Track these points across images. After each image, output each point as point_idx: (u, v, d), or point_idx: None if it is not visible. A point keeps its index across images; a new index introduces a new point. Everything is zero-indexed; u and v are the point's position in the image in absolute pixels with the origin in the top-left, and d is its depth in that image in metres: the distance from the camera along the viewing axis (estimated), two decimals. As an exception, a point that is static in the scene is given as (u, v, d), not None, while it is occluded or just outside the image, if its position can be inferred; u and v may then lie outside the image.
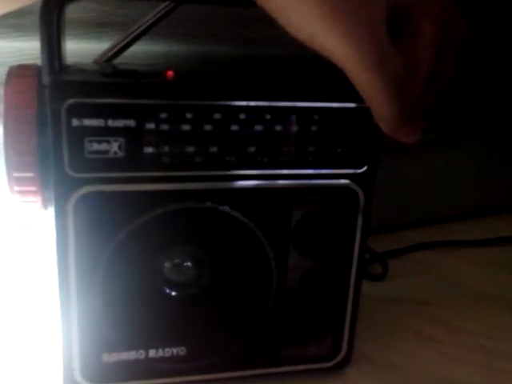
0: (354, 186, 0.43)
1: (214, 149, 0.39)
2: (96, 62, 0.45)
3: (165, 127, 0.38)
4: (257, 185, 0.41)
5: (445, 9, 0.40)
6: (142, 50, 0.55)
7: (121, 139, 0.37)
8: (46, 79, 0.38)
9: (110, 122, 0.37)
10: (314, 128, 0.41)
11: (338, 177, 0.42)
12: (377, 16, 0.36)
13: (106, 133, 0.37)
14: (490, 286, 0.64)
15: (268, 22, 0.37)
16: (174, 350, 0.43)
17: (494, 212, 0.84)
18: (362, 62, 0.36)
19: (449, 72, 0.43)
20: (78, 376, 0.41)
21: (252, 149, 0.40)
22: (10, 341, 0.50)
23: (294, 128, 0.40)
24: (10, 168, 0.38)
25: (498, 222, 0.81)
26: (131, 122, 0.37)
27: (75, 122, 0.36)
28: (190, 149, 0.39)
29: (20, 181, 0.39)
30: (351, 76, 0.37)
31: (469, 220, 0.81)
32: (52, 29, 0.37)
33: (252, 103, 0.39)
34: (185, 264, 0.42)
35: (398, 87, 0.37)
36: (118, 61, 0.46)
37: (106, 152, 0.37)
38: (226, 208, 0.41)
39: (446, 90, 0.44)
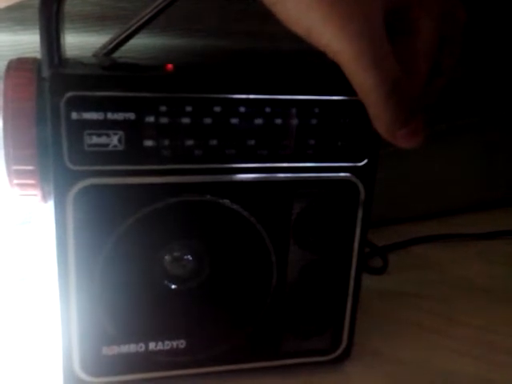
0: (355, 180, 0.43)
1: (213, 142, 0.39)
2: (95, 55, 0.45)
3: (164, 120, 0.38)
4: (257, 178, 0.41)
5: (444, 2, 0.40)
6: (142, 44, 0.55)
7: (120, 132, 0.37)
8: (45, 72, 0.38)
9: (110, 115, 0.37)
10: (314, 121, 0.41)
11: (339, 170, 0.42)
12: (375, 12, 0.36)
13: (105, 126, 0.37)
14: (490, 279, 0.65)
15: (268, 16, 0.37)
16: (174, 343, 0.43)
17: (494, 206, 0.84)
18: (358, 59, 0.36)
19: (451, 67, 0.43)
20: (77, 369, 0.41)
21: (252, 142, 0.40)
22: (9, 335, 0.50)
23: (294, 121, 0.40)
24: (10, 161, 0.38)
25: (498, 215, 0.81)
26: (131, 115, 0.37)
27: (74, 115, 0.36)
28: (190, 142, 0.39)
29: (19, 174, 0.39)
30: (347, 72, 0.36)
31: (469, 214, 0.81)
32: (51, 22, 0.37)
33: (252, 96, 0.39)
34: (185, 257, 0.42)
35: (394, 86, 0.36)
36: (117, 54, 0.45)
37: (106, 145, 0.37)
38: (226, 201, 0.41)
39: (447, 85, 0.44)
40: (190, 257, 0.43)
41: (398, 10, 0.39)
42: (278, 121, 0.40)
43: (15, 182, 0.39)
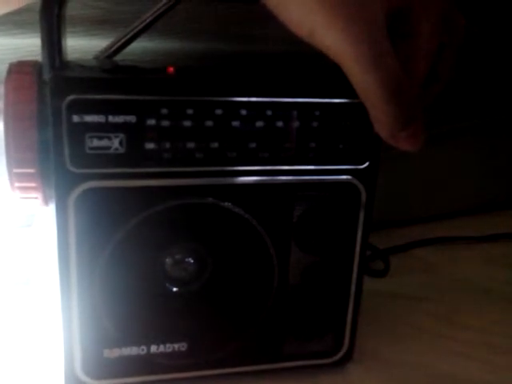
0: (356, 182, 0.43)
1: (215, 144, 0.39)
2: (97, 58, 0.45)
3: (166, 123, 0.38)
4: (258, 181, 0.41)
5: (445, 9, 0.40)
6: (143, 47, 0.55)
7: (122, 135, 0.37)
8: (46, 75, 0.38)
9: (111, 118, 0.37)
10: (315, 124, 0.41)
11: (340, 172, 0.42)
12: (377, 15, 0.36)
13: (106, 129, 0.37)
14: (491, 281, 0.64)
15: (269, 19, 0.37)
16: (176, 346, 0.43)
17: (494, 208, 0.84)
18: (360, 61, 0.36)
19: (448, 72, 0.43)
20: (79, 372, 0.41)
21: (253, 145, 0.40)
22: (11, 337, 0.50)
23: (296, 124, 0.40)
24: (11, 164, 0.38)
25: (499, 218, 0.81)
26: (132, 118, 0.37)
27: (76, 118, 0.36)
28: (191, 145, 0.39)
29: (20, 177, 0.39)
30: (348, 74, 0.36)
31: (469, 216, 0.81)
32: (53, 25, 0.37)
33: (253, 99, 0.39)
34: (186, 260, 0.42)
35: (396, 88, 0.36)
36: (118, 57, 0.46)
37: (107, 148, 0.37)
38: (227, 204, 0.41)
39: (447, 87, 0.44)
40: (191, 260, 0.43)
41: (399, 12, 0.39)
42: (280, 123, 0.40)
43: (16, 184, 0.39)
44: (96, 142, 0.37)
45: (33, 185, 0.39)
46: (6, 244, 0.58)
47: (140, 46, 0.54)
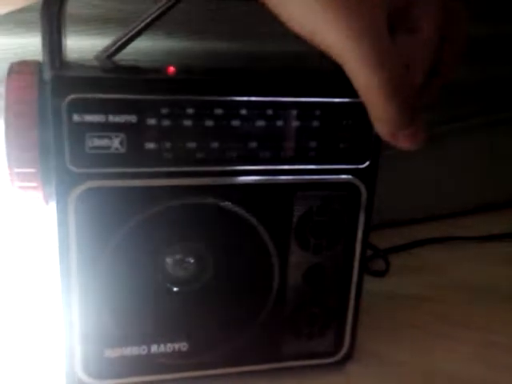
0: (356, 182, 0.43)
1: (215, 144, 0.39)
2: (97, 57, 0.45)
3: (166, 123, 0.38)
4: (258, 180, 0.41)
5: (447, 5, 0.40)
6: (143, 46, 0.55)
7: (122, 135, 0.37)
8: (47, 75, 0.38)
9: (111, 118, 0.37)
10: (315, 123, 0.41)
11: (340, 172, 0.42)
12: (378, 13, 0.36)
13: (107, 128, 0.37)
14: (492, 281, 0.64)
15: (270, 18, 0.37)
16: (176, 346, 0.43)
17: (495, 208, 0.84)
18: (362, 60, 0.35)
19: (450, 69, 0.43)
20: (80, 372, 0.41)
21: (253, 144, 0.40)
22: (12, 336, 0.50)
23: (296, 123, 0.40)
24: (12, 163, 0.38)
25: (501, 217, 0.81)
26: (132, 118, 0.37)
27: (76, 118, 0.36)
28: (192, 144, 0.39)
29: (21, 176, 0.39)
30: (350, 73, 0.36)
31: (471, 216, 0.81)
32: (53, 24, 0.37)
33: (253, 98, 0.39)
34: (186, 260, 0.42)
35: (398, 87, 0.36)
36: (119, 57, 0.45)
37: (108, 147, 0.37)
38: (227, 204, 0.41)
39: (448, 86, 0.44)
40: (191, 259, 0.42)
41: (400, 10, 0.39)
42: (280, 123, 0.40)
43: (17, 184, 0.39)
44: (96, 142, 0.37)
45: (33, 184, 0.39)
46: (7, 243, 0.58)
47: (140, 45, 0.54)
